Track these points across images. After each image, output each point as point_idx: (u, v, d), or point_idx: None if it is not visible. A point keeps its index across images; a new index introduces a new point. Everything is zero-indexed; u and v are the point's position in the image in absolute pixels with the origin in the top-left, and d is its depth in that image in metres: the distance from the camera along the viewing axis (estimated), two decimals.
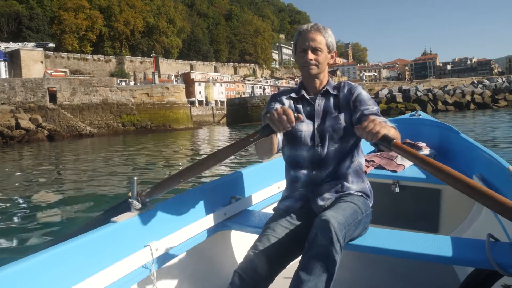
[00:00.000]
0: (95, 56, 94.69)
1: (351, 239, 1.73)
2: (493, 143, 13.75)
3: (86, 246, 1.50)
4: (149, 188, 1.75)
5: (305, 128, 1.91)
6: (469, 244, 1.70)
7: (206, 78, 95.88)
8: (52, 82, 41.82)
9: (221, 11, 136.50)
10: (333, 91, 1.97)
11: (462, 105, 54.16)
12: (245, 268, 1.59)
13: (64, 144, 31.46)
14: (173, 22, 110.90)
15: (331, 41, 1.93)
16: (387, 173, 2.95)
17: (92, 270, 1.48)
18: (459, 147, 3.09)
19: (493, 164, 2.27)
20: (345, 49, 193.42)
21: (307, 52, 1.89)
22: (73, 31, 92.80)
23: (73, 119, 40.78)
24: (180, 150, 21.50)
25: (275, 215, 1.89)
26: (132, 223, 1.70)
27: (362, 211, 1.79)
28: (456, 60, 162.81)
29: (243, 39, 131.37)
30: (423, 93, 58.09)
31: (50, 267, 1.37)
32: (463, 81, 73.67)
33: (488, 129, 21.31)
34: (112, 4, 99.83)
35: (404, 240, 1.75)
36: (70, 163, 17.01)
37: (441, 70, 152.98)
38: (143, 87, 46.57)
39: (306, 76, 1.97)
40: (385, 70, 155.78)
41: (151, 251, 1.69)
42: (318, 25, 1.94)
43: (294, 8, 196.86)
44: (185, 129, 44.72)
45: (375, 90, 64.98)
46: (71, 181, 11.50)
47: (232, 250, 2.38)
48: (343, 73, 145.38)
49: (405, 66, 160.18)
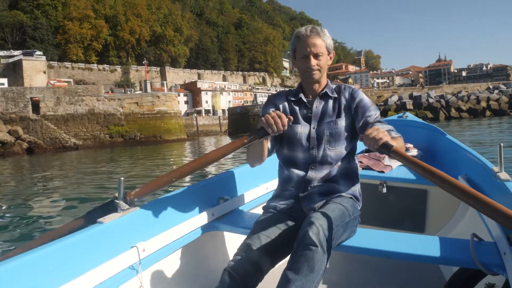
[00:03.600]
0: (100, 65, 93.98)
1: (339, 241, 1.74)
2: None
3: (72, 246, 1.50)
4: (137, 188, 1.75)
5: (301, 130, 1.94)
6: (454, 244, 1.75)
7: (213, 87, 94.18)
8: (35, 92, 39.59)
9: (231, 19, 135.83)
10: (332, 94, 1.99)
11: (477, 112, 51.36)
12: (235, 266, 1.62)
13: (43, 159, 29.38)
14: (180, 31, 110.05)
15: (329, 43, 1.95)
16: (374, 174, 3.00)
17: (78, 271, 1.48)
18: (445, 148, 3.15)
19: (478, 165, 2.33)
20: (358, 56, 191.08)
21: (309, 58, 1.90)
22: (78, 41, 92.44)
23: (56, 131, 38.48)
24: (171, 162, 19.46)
25: (265, 214, 1.93)
26: (119, 224, 1.68)
27: (350, 214, 1.81)
28: (471, 66, 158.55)
29: (252, 47, 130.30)
30: (435, 99, 55.24)
31: (35, 268, 1.36)
32: (478, 87, 69.74)
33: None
34: (118, 13, 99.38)
35: (391, 241, 1.79)
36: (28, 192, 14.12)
37: (456, 77, 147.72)
38: (132, 95, 43.94)
39: (307, 81, 1.98)
40: (399, 78, 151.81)
41: (138, 252, 1.69)
42: (316, 28, 1.93)
43: (306, 16, 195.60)
44: (178, 141, 42.09)
45: (385, 97, 61.93)
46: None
47: (220, 251, 2.36)
48: (355, 81, 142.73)
49: (418, 73, 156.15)
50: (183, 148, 31.86)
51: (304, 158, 1.92)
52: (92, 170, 17.55)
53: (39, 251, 1.39)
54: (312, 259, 1.50)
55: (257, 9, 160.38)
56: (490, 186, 2.06)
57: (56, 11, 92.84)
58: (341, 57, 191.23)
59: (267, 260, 1.67)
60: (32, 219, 7.35)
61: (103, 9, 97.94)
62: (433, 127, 3.57)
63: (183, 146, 34.40)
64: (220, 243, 2.38)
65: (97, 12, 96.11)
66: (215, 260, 2.28)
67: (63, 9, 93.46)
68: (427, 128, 3.62)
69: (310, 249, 1.52)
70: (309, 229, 1.56)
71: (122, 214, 1.70)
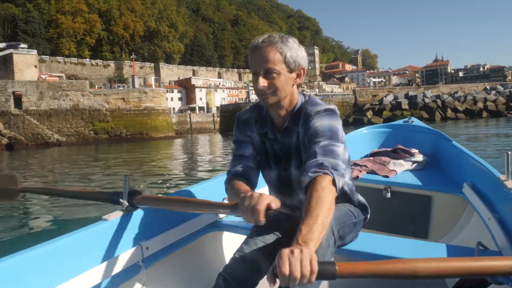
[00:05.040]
0: (93, 60, 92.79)
1: (341, 243, 1.66)
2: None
3: (76, 243, 1.51)
4: (143, 192, 1.72)
5: (271, 175, 1.73)
6: (458, 251, 1.75)
7: (207, 84, 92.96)
8: (17, 85, 38.36)
9: (227, 16, 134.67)
10: (297, 127, 1.61)
11: (473, 113, 50.36)
12: (230, 271, 1.56)
13: (23, 155, 28.32)
14: (175, 27, 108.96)
15: (292, 55, 1.51)
16: (379, 178, 2.99)
17: (82, 267, 1.49)
18: (451, 155, 3.13)
19: (484, 173, 2.29)
20: (355, 55, 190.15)
21: (258, 77, 1.51)
22: (71, 35, 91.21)
23: (39, 126, 37.31)
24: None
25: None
26: (123, 222, 1.70)
27: (355, 216, 1.70)
28: (468, 66, 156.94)
29: (248, 44, 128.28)
30: (431, 99, 54.18)
31: (39, 264, 1.37)
32: (474, 87, 68.52)
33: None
34: (112, 8, 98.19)
35: (394, 246, 1.79)
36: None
37: (453, 77, 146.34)
38: (118, 91, 42.64)
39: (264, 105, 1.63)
40: (395, 77, 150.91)
41: (141, 250, 1.71)
42: (272, 36, 1.52)
43: (303, 14, 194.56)
44: (165, 138, 40.91)
45: (380, 96, 60.75)
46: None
47: (223, 251, 2.37)
48: (351, 80, 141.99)
49: (415, 73, 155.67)
50: (171, 147, 30.70)
51: (287, 197, 1.73)
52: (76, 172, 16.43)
53: (44, 247, 1.39)
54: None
55: (254, 6, 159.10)
56: (496, 194, 2.03)
57: (49, 4, 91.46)
58: (338, 56, 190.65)
59: (262, 264, 1.59)
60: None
61: (97, 3, 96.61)
62: (439, 132, 3.51)
63: (171, 144, 33.21)
64: (223, 243, 2.37)
65: (91, 7, 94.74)
66: (217, 260, 2.29)
67: (56, 2, 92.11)
68: (433, 133, 3.56)
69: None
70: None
71: (126, 212, 1.70)
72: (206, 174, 11.78)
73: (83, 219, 6.03)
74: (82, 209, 6.91)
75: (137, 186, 1.76)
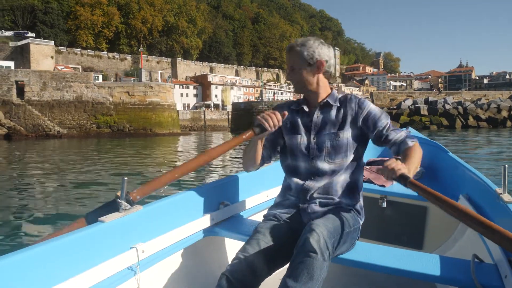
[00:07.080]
0: (110, 53, 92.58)
1: (338, 252, 1.76)
2: None
3: (72, 245, 1.50)
4: (139, 186, 1.76)
5: (301, 140, 1.95)
6: (453, 263, 1.76)
7: (224, 81, 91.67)
8: (20, 75, 37.47)
9: (248, 14, 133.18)
10: (335, 103, 1.95)
11: (497, 122, 47.46)
12: (233, 271, 1.62)
13: (22, 146, 27.26)
14: (194, 22, 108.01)
15: (308, 53, 1.88)
16: (375, 188, 3.01)
17: (76, 269, 1.49)
18: (447, 166, 3.16)
19: (480, 185, 2.31)
20: (376, 58, 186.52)
21: (288, 71, 1.97)
22: (89, 27, 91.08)
23: (40, 117, 36.36)
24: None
25: (266, 221, 1.93)
26: (120, 224, 1.69)
27: (351, 225, 1.82)
28: (493, 73, 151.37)
29: (268, 43, 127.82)
30: (453, 106, 51.45)
31: (34, 265, 1.36)
32: (499, 95, 65.48)
33: None
34: (131, 1, 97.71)
35: (389, 256, 1.80)
36: None
37: (477, 84, 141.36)
38: (123, 84, 41.36)
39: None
40: (417, 82, 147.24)
41: (137, 253, 1.71)
42: (292, 44, 1.94)
43: (326, 15, 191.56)
44: (170, 135, 39.54)
45: (398, 100, 58.53)
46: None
47: (219, 256, 2.37)
48: (372, 83, 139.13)
49: (438, 78, 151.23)
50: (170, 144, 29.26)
51: (305, 168, 1.92)
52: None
53: (38, 248, 1.38)
54: (312, 266, 1.50)
55: (276, 5, 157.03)
56: (492, 207, 2.06)
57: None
58: (359, 58, 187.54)
59: (264, 266, 1.67)
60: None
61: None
62: (435, 143, 3.54)
63: (174, 142, 31.76)
64: (219, 248, 2.38)
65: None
66: (213, 265, 2.28)
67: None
68: (429, 144, 3.52)
69: (310, 255, 1.52)
70: (309, 235, 1.56)
71: (123, 214, 1.69)
72: (206, 174, 10.90)
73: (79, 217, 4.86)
74: (82, 209, 6.73)
75: (136, 188, 1.73)
